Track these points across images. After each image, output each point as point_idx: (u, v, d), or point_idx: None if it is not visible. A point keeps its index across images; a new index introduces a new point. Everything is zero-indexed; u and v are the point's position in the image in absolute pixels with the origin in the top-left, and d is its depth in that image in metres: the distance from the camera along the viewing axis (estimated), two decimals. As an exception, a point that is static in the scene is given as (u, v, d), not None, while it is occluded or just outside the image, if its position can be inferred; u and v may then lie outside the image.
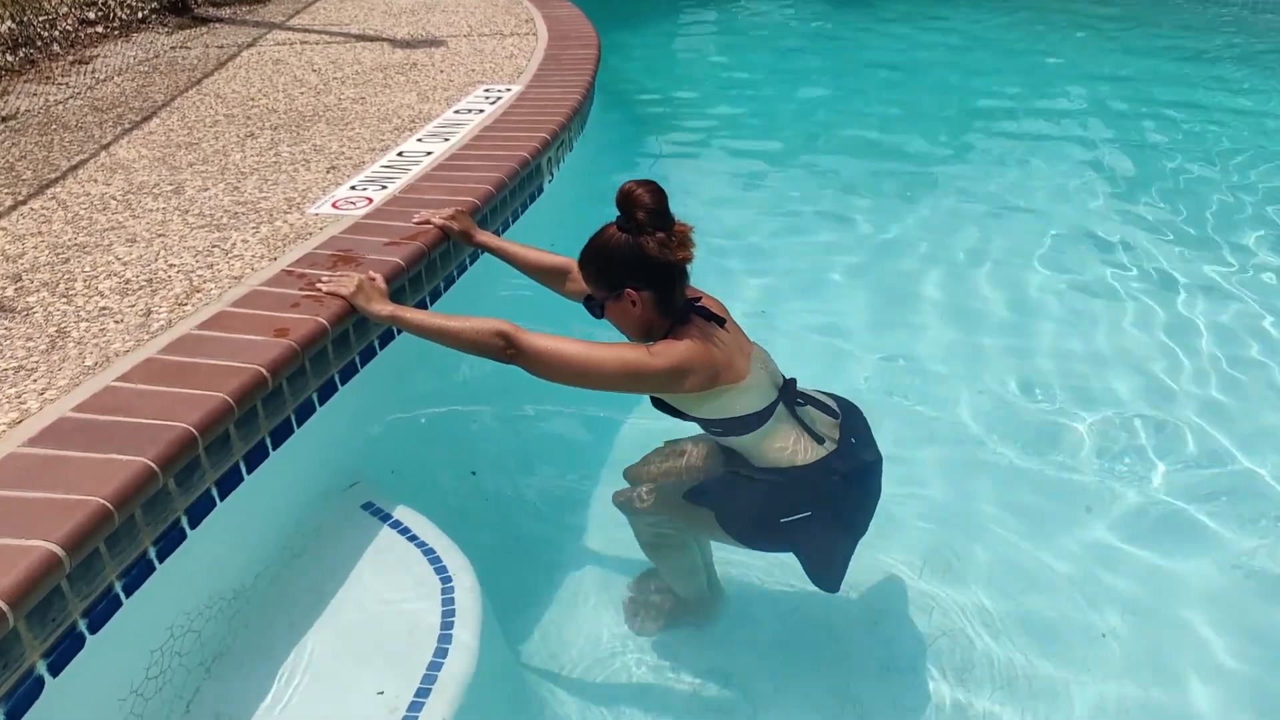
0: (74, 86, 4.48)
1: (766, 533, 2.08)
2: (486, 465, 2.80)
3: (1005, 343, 3.63)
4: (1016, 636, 2.34)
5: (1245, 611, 2.44)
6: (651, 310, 1.92)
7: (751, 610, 2.43)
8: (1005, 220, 4.73)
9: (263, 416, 1.91)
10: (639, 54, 8.18)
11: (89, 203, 2.93)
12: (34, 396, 1.81)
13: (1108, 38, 8.86)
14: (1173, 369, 3.44)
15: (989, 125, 6.40)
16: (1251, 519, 2.71)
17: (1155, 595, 2.48)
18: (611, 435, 2.97)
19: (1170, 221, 4.69)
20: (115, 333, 2.07)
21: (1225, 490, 2.83)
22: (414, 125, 3.71)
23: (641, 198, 1.84)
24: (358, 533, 2.06)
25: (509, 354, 1.87)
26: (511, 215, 3.17)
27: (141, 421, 1.70)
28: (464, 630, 1.81)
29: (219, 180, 3.10)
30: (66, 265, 2.46)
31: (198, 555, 1.74)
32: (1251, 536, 2.65)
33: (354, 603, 1.90)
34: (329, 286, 2.18)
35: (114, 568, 1.54)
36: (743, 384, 1.93)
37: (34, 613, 1.37)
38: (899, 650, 2.31)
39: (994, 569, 2.55)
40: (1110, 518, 2.73)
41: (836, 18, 9.98)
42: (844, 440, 2.04)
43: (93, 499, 1.49)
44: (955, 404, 3.24)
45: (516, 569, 2.48)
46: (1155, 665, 2.29)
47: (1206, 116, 6.44)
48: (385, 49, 5.22)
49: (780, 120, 6.62)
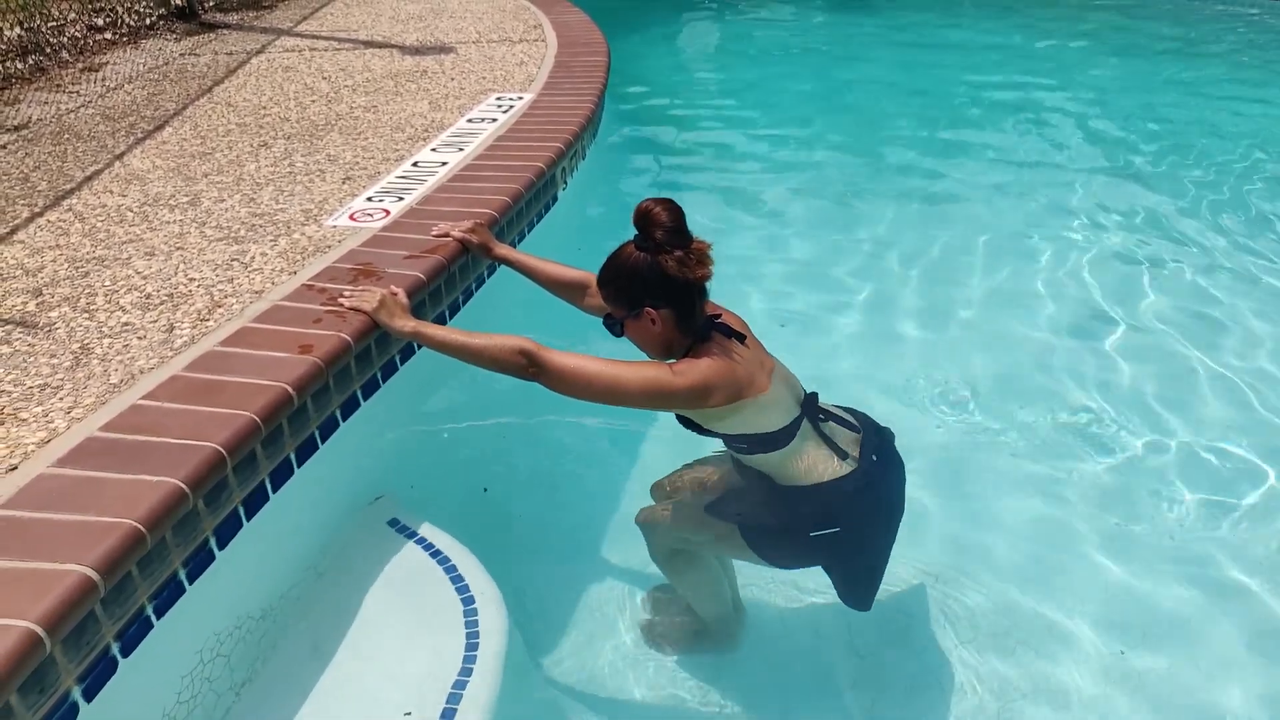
0: (85, 94, 4.48)
1: (792, 548, 2.08)
2: (509, 479, 2.80)
3: (1050, 354, 3.61)
4: (1045, 650, 2.34)
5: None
6: (672, 328, 1.92)
7: (772, 628, 2.43)
8: (1026, 229, 4.72)
9: (288, 434, 1.91)
10: (644, 58, 8.18)
11: (105, 215, 2.93)
12: (61, 415, 1.81)
13: (1103, 40, 8.87)
14: (1204, 380, 3.44)
15: (1015, 127, 6.40)
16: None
17: (1187, 608, 2.48)
18: (635, 449, 2.97)
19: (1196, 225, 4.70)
20: (139, 349, 2.06)
21: (1259, 509, 2.81)
22: (427, 134, 3.71)
23: (659, 216, 1.83)
24: (382, 550, 2.05)
25: (531, 372, 1.87)
26: (528, 226, 3.17)
27: (170, 441, 1.70)
28: (489, 649, 1.81)
29: (235, 191, 3.10)
30: (86, 279, 2.46)
31: (226, 576, 1.73)
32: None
33: (379, 623, 1.90)
34: (351, 302, 2.18)
35: (145, 590, 1.54)
36: (764, 399, 1.93)
37: (70, 637, 1.37)
38: (925, 665, 2.31)
39: (1020, 582, 2.55)
40: (1138, 531, 2.73)
41: (841, 20, 9.98)
42: (865, 456, 2.04)
43: (125, 521, 1.49)
44: (978, 413, 3.24)
45: (539, 585, 2.48)
46: (1186, 682, 2.28)
47: (1222, 119, 6.45)
48: (395, 56, 5.23)
49: (787, 121, 6.62)
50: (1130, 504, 2.83)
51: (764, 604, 2.49)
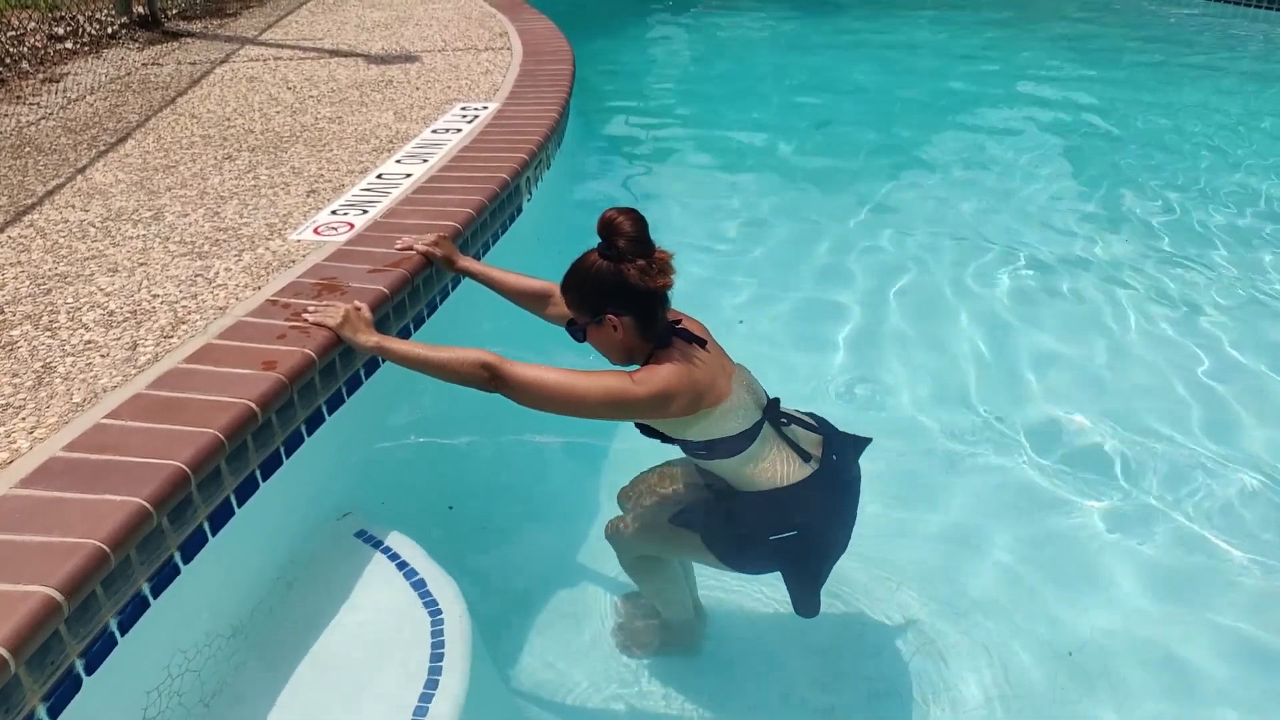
0: (45, 106, 4.45)
1: (751, 553, 2.12)
2: (475, 492, 2.83)
3: (990, 356, 3.70)
4: (1003, 651, 2.40)
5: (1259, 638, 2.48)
6: (633, 335, 1.96)
7: (738, 632, 2.48)
8: (987, 231, 4.82)
9: (252, 450, 1.93)
10: (609, 63, 8.22)
11: (68, 230, 2.93)
12: (24, 435, 1.82)
13: (1082, 39, 9.03)
14: (1177, 380, 3.51)
15: (968, 126, 6.52)
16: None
17: (1141, 609, 2.55)
18: (599, 460, 3.00)
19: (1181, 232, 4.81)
20: (102, 367, 2.08)
21: (1240, 509, 2.87)
22: (392, 146, 3.73)
23: (622, 225, 1.88)
24: (350, 563, 2.08)
25: (492, 385, 1.91)
26: (492, 237, 3.20)
27: (134, 460, 1.72)
28: (453, 664, 1.84)
29: (199, 205, 3.10)
30: (49, 296, 2.46)
31: (192, 592, 1.75)
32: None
33: (345, 638, 1.92)
34: (315, 317, 2.20)
35: (110, 608, 1.55)
36: (725, 405, 1.97)
37: (34, 658, 1.38)
38: (885, 668, 2.37)
39: (979, 583, 2.61)
40: (1100, 532, 2.80)
41: (806, 23, 10.08)
42: (826, 457, 2.09)
43: (89, 542, 1.51)
44: (936, 415, 3.31)
45: (506, 595, 2.51)
46: (1144, 682, 2.35)
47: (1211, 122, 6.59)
48: (360, 65, 5.23)
49: (753, 125, 6.70)
50: (1094, 501, 2.91)
51: (725, 605, 2.54)
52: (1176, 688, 2.33)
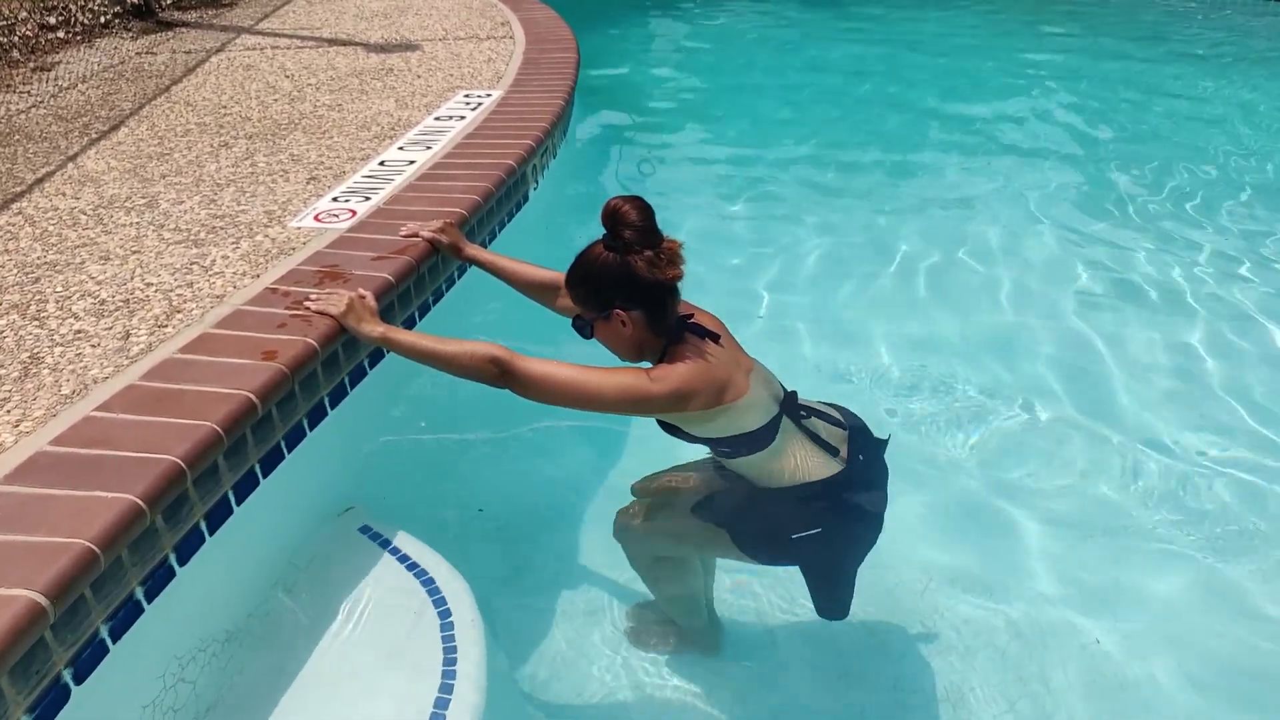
0: (36, 95, 4.33)
1: (774, 548, 2.03)
2: (484, 488, 2.73)
3: (1011, 356, 3.58)
4: (1027, 650, 2.31)
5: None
6: (643, 330, 1.85)
7: (755, 633, 2.38)
8: (1009, 227, 4.70)
9: (252, 444, 1.82)
10: (615, 54, 8.12)
11: (58, 218, 2.82)
12: (8, 429, 1.71)
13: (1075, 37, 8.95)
14: (1189, 387, 3.41)
15: (976, 124, 6.42)
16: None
17: (1162, 610, 2.47)
18: (613, 453, 2.90)
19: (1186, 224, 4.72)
20: (92, 358, 1.97)
21: (1250, 517, 2.78)
22: (394, 133, 3.62)
23: (628, 215, 1.77)
24: (354, 562, 1.98)
25: (502, 381, 1.81)
26: (498, 225, 3.10)
27: (125, 455, 1.62)
28: (466, 666, 1.74)
29: (194, 192, 3.00)
30: (37, 285, 2.35)
31: (189, 595, 1.65)
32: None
33: (350, 641, 1.82)
34: (318, 305, 2.10)
35: (100, 613, 1.45)
36: (744, 400, 1.87)
37: (17, 667, 1.28)
38: (909, 668, 2.27)
39: (1000, 583, 2.52)
40: (1121, 533, 2.71)
41: (811, 15, 10.00)
42: (853, 456, 2.00)
43: (77, 541, 1.41)
44: (960, 416, 3.21)
45: (516, 593, 2.41)
46: (1159, 683, 2.26)
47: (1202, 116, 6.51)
48: (359, 54, 5.12)
49: (759, 115, 6.61)
50: (1116, 505, 2.82)
51: (743, 607, 2.44)
52: (1212, 690, 2.23)
